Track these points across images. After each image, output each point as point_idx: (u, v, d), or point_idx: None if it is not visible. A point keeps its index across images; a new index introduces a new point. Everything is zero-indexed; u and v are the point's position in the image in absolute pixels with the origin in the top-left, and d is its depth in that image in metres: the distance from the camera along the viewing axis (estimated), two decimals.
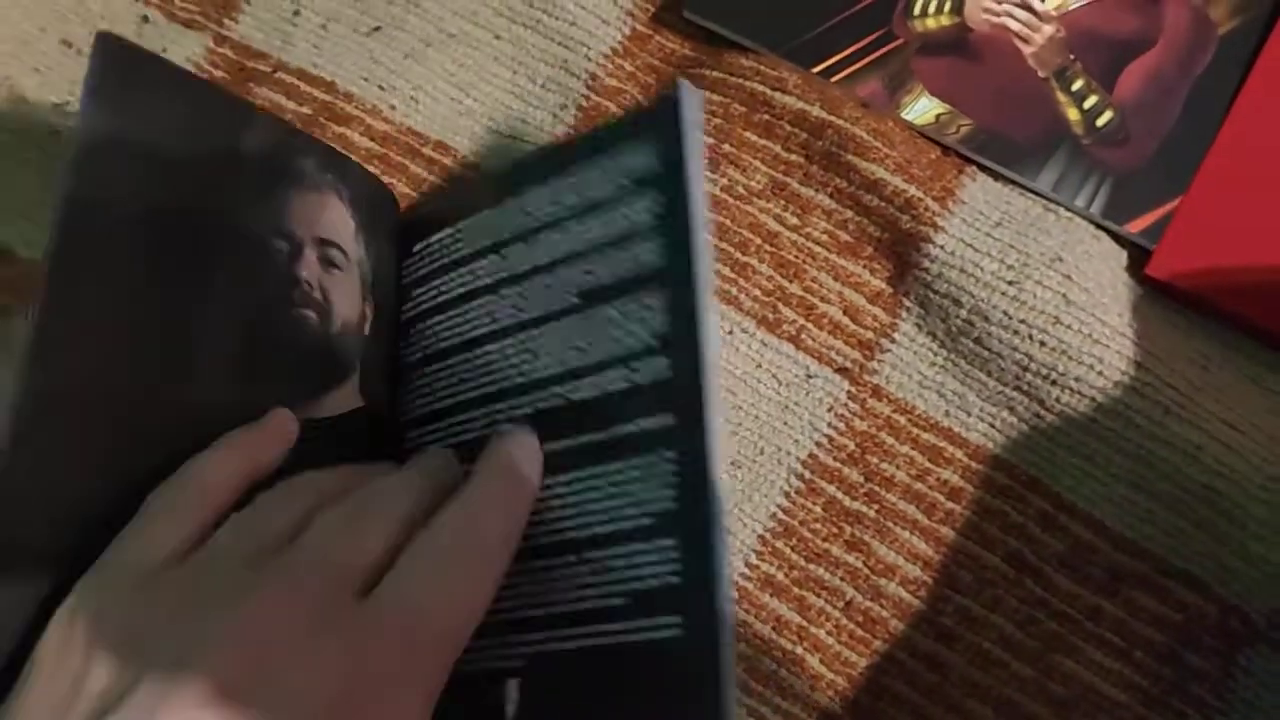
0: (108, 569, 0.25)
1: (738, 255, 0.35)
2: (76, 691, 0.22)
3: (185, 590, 0.24)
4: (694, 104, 0.25)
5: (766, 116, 0.36)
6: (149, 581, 0.24)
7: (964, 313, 0.34)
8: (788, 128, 0.36)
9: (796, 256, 0.35)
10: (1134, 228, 0.35)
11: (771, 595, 0.33)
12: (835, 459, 0.34)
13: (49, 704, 0.22)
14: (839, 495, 0.34)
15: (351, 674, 0.22)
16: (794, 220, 0.36)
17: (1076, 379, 0.32)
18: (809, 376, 0.35)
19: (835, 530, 0.33)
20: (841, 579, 0.33)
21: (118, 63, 0.27)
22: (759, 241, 0.36)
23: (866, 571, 0.33)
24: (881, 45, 0.37)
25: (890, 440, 0.34)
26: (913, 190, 0.35)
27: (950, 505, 0.33)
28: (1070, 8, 0.37)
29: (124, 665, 0.22)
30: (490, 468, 0.27)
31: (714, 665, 0.23)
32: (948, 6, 0.37)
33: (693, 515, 0.24)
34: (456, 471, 0.29)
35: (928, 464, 0.34)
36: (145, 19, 0.41)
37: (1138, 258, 0.35)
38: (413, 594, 0.24)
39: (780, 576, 0.33)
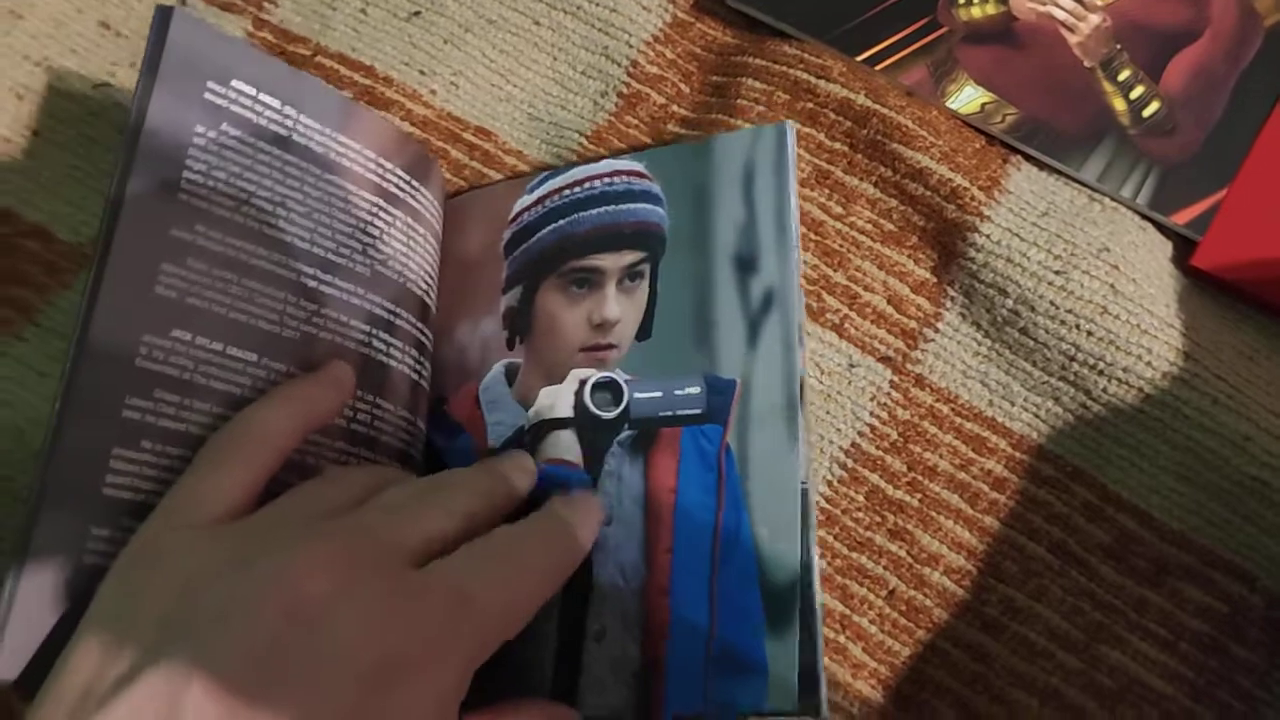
0: (169, 515, 0.25)
1: None
2: (122, 641, 0.22)
3: (244, 543, 0.24)
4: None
5: (811, 105, 0.36)
6: (211, 532, 0.24)
7: (1010, 302, 0.33)
8: (832, 116, 0.36)
9: (841, 245, 0.35)
10: (1180, 219, 0.34)
11: None
12: (878, 448, 0.34)
13: (100, 649, 0.22)
14: (882, 484, 0.34)
15: (393, 633, 0.22)
16: (838, 209, 0.36)
17: (1124, 369, 0.32)
18: (852, 365, 0.35)
19: (878, 519, 0.33)
20: (885, 568, 0.33)
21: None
22: (803, 230, 0.35)
23: (910, 560, 0.33)
24: (926, 34, 0.37)
25: (933, 429, 0.34)
26: (958, 179, 0.34)
27: (994, 495, 0.33)
28: None
29: (171, 617, 0.22)
30: (557, 515, 0.29)
31: None
32: None
33: None
34: (530, 474, 0.30)
35: (971, 454, 0.34)
36: (183, 1, 0.41)
37: (1183, 248, 0.35)
38: (461, 577, 0.25)
39: (823, 565, 0.33)
